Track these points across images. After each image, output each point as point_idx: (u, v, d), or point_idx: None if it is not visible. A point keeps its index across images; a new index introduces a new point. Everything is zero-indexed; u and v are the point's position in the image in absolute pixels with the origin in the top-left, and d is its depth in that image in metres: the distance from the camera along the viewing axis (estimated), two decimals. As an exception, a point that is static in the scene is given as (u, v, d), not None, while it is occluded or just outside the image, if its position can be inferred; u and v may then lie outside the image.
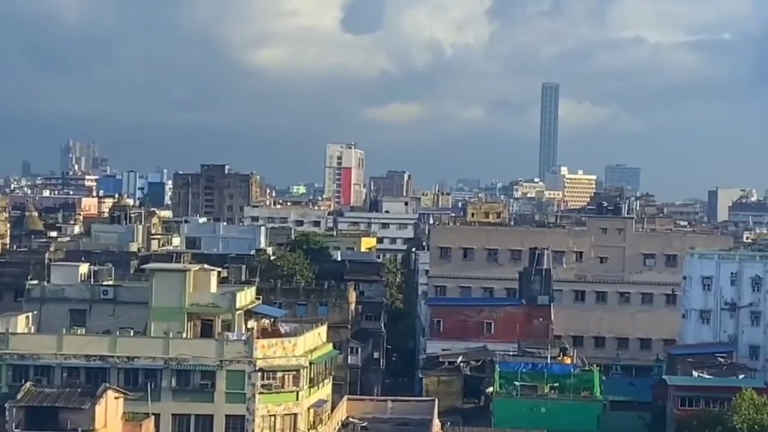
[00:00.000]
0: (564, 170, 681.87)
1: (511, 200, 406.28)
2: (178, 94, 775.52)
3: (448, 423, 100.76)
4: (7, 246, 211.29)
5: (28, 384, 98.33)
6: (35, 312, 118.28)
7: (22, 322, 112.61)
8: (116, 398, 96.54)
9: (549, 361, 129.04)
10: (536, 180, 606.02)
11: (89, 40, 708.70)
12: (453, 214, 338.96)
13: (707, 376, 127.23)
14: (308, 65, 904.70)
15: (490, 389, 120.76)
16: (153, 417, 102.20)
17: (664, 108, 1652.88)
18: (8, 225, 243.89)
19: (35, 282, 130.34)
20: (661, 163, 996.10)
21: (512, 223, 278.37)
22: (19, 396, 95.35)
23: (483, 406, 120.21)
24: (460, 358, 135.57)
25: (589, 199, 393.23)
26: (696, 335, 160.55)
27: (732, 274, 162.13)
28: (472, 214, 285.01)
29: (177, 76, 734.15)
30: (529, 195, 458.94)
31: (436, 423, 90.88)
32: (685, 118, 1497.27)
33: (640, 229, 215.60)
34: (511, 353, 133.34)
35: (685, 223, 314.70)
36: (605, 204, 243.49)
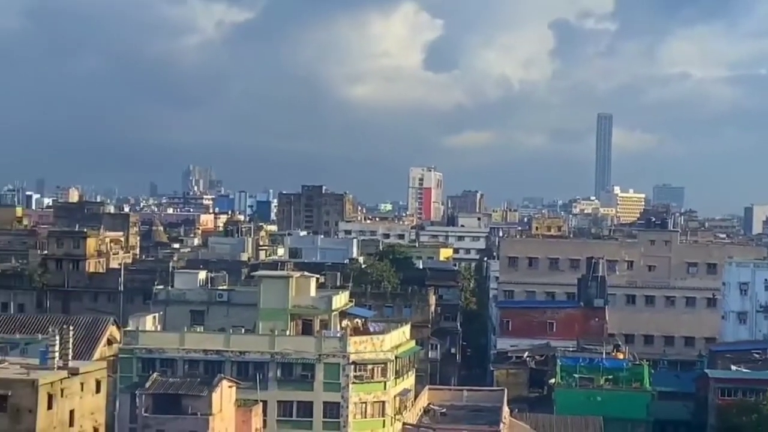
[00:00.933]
0: (617, 189, 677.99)
1: (570, 216, 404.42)
2: (282, 124, 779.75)
3: (516, 410, 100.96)
4: (137, 256, 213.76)
5: (155, 374, 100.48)
6: (161, 312, 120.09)
7: (150, 321, 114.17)
8: (230, 387, 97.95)
9: (604, 356, 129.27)
10: (592, 198, 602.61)
11: (207, 78, 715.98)
12: (519, 228, 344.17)
13: (744, 370, 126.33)
14: (394, 99, 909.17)
15: (552, 380, 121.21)
16: (261, 403, 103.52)
17: (706, 135, 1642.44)
18: (138, 238, 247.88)
19: (161, 287, 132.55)
20: (702, 183, 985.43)
21: (571, 235, 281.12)
22: (147, 385, 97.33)
23: (546, 395, 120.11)
24: (526, 354, 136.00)
25: (638, 215, 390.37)
26: (734, 334, 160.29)
27: (766, 280, 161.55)
28: (536, 228, 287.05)
29: (281, 108, 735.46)
30: (585, 211, 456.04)
31: (506, 410, 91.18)
32: (725, 143, 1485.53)
33: (684, 241, 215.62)
34: (570, 349, 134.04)
35: (724, 235, 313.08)
36: (653, 219, 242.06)
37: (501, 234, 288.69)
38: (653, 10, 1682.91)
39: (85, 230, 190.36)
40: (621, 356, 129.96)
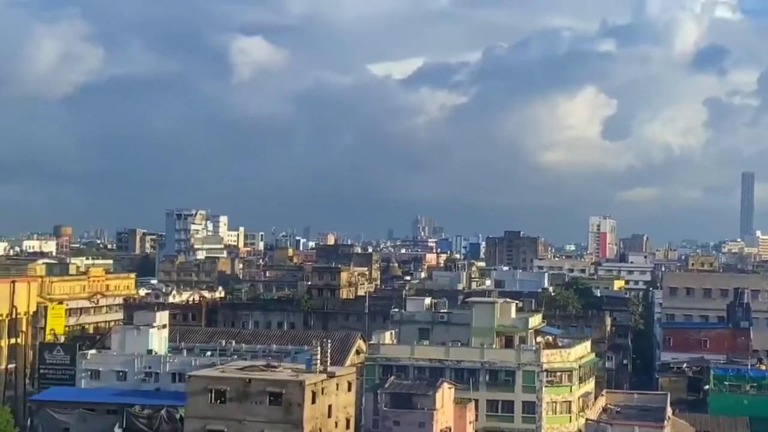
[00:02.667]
0: (758, 233, 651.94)
1: (720, 254, 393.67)
2: (490, 182, 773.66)
3: (677, 410, 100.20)
4: (378, 286, 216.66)
5: (392, 378, 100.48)
6: (396, 330, 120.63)
7: (387, 337, 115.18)
8: (449, 388, 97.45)
9: (749, 367, 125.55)
10: (738, 240, 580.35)
11: (433, 148, 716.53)
12: (678, 264, 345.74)
13: None
14: (578, 162, 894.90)
15: (707, 387, 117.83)
16: (473, 402, 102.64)
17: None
18: (379, 272, 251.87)
19: (396, 310, 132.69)
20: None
21: (721, 270, 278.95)
22: (386, 385, 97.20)
23: (701, 399, 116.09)
24: (685, 365, 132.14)
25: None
26: None
27: None
28: (692, 264, 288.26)
29: (489, 170, 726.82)
30: (732, 251, 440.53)
31: (668, 410, 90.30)
32: None
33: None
34: (721, 362, 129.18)
35: None
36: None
37: (663, 269, 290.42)
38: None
39: (339, 266, 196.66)
40: (763, 368, 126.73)
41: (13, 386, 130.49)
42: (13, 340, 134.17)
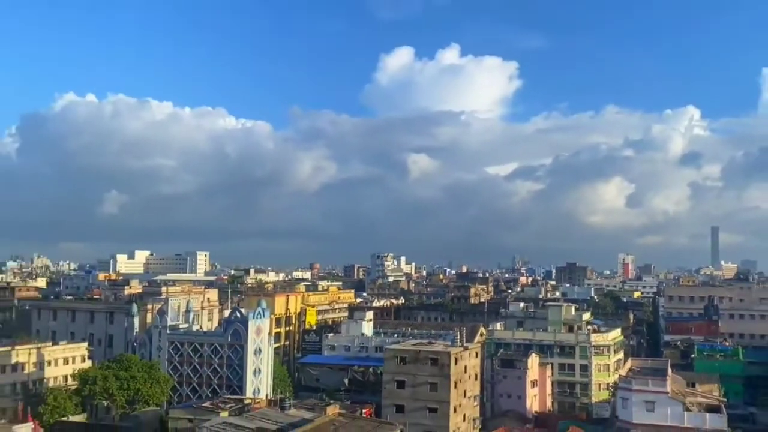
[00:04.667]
0: (722, 262, 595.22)
1: (699, 275, 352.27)
2: (556, 235, 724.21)
3: (674, 370, 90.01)
4: (492, 296, 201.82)
5: (501, 350, 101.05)
6: (503, 321, 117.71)
7: (498, 326, 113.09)
8: (535, 356, 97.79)
9: (718, 344, 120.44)
10: (709, 266, 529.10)
11: (523, 215, 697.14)
12: (673, 282, 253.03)
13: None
14: (610, 222, 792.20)
15: (693, 356, 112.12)
16: (550, 364, 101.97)
17: None
18: (492, 288, 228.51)
19: (503, 310, 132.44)
20: None
21: (699, 285, 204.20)
22: (498, 354, 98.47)
23: (689, 364, 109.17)
24: (679, 343, 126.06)
25: None
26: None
27: None
28: (682, 282, 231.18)
29: (555, 228, 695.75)
30: (706, 273, 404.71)
31: (669, 370, 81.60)
32: None
33: None
34: (701, 341, 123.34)
35: None
36: None
37: (664, 285, 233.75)
38: None
39: (469, 284, 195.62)
40: (727, 344, 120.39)
41: (287, 354, 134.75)
42: (288, 328, 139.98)
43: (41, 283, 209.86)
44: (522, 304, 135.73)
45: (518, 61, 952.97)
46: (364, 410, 72.84)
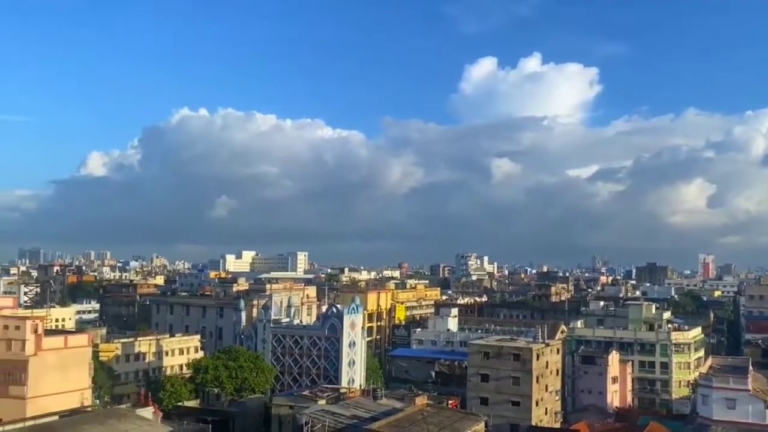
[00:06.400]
0: None
1: None
2: (637, 234, 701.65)
3: (755, 368, 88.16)
4: (573, 295, 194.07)
5: (582, 347, 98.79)
6: (583, 319, 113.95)
7: (579, 323, 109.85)
8: (616, 353, 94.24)
9: None
10: None
11: (605, 215, 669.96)
12: (754, 281, 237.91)
13: None
14: (691, 222, 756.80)
15: None
16: (631, 361, 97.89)
17: None
18: (573, 287, 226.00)
19: (584, 308, 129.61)
20: None
21: None
22: (579, 351, 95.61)
23: None
24: (759, 341, 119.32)
25: None
26: None
27: None
28: (762, 281, 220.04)
29: (637, 228, 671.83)
30: None
31: (750, 368, 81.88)
32: None
33: None
34: None
35: None
36: None
37: (744, 284, 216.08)
38: None
39: (549, 284, 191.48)
40: None
41: (379, 347, 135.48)
42: (378, 323, 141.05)
43: (159, 280, 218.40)
44: (602, 303, 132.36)
45: (598, 67, 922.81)
46: (450, 402, 72.69)
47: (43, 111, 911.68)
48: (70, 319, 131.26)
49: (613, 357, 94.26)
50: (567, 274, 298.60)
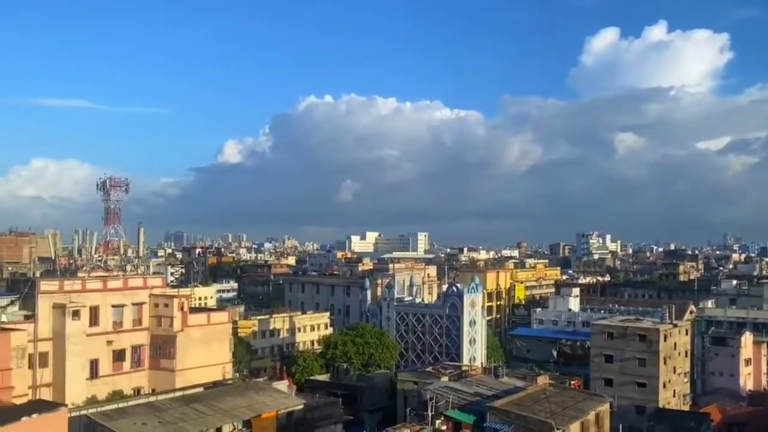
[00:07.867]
0: None
1: None
2: None
3: None
4: (702, 273, 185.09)
5: (712, 328, 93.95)
6: (714, 299, 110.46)
7: (709, 303, 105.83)
8: (749, 334, 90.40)
9: None
10: None
11: (737, 189, 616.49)
12: None
13: None
14: None
15: None
16: (765, 343, 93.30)
17: None
18: (703, 265, 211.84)
19: (714, 287, 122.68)
20: None
21: None
22: (709, 332, 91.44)
23: None
24: None
25: None
26: None
27: None
28: None
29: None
30: None
31: None
32: None
33: None
34: None
35: None
36: None
37: None
38: None
39: (677, 262, 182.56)
40: None
41: (498, 326, 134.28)
42: (498, 303, 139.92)
43: (291, 261, 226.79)
44: (735, 282, 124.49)
45: (729, 32, 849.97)
46: (572, 382, 70.70)
47: (183, 103, 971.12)
48: (211, 297, 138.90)
49: (747, 338, 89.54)
50: (696, 252, 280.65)
